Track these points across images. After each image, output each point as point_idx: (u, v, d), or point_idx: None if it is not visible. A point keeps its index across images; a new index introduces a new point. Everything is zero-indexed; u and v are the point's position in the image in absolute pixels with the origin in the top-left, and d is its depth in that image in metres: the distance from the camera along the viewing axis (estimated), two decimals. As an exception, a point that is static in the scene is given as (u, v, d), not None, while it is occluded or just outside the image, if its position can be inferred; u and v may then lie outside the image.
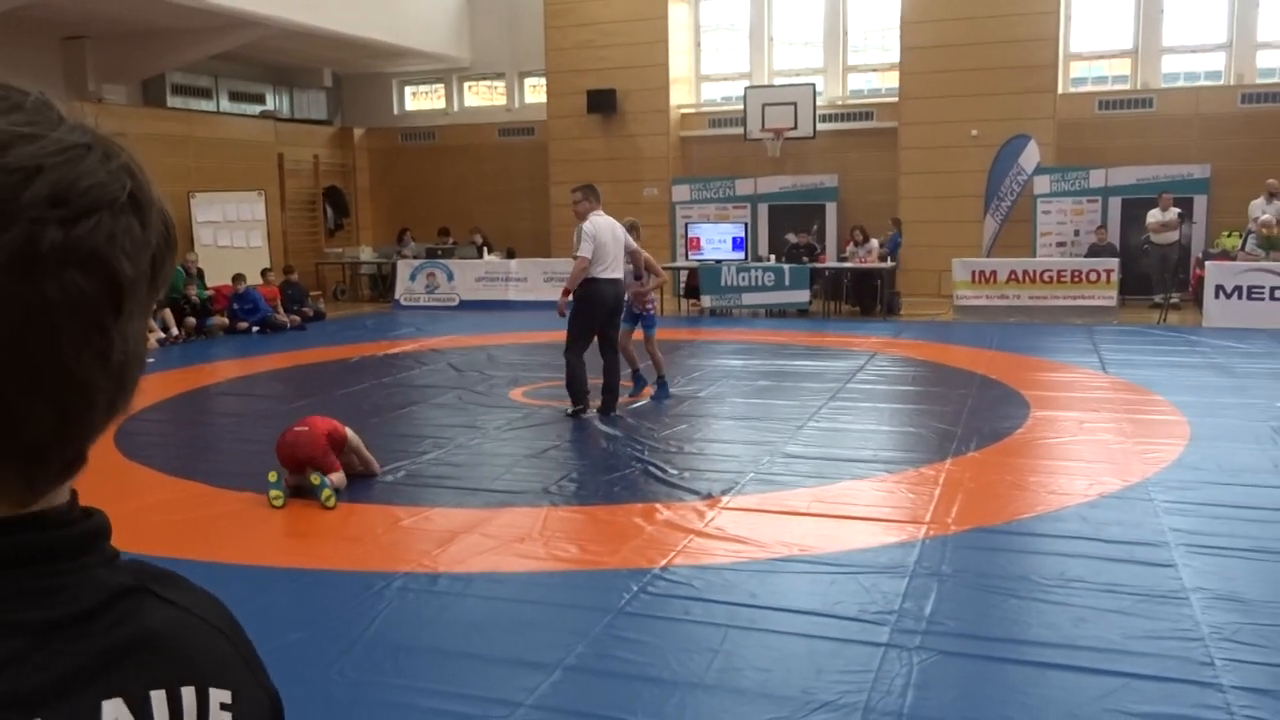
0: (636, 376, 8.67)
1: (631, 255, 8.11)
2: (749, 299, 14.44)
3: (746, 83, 17.60)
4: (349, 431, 6.01)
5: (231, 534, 5.24)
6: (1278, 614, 3.93)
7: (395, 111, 20.80)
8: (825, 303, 14.84)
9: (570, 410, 7.82)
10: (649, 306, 8.59)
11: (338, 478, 5.75)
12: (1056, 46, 15.62)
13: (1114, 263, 13.53)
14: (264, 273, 15.03)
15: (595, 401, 7.91)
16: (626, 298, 8.15)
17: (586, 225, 7.64)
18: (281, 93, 19.68)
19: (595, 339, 7.86)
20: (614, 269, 7.74)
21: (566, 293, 7.75)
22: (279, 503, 5.57)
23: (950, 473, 6.06)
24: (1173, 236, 14.15)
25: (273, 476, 5.68)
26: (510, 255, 17.35)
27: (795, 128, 16.42)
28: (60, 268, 0.59)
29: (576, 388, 7.81)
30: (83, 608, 0.63)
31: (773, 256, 15.28)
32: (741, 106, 16.87)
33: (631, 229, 8.24)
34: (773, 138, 16.63)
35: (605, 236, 7.66)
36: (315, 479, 5.59)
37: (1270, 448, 6.50)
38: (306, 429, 5.79)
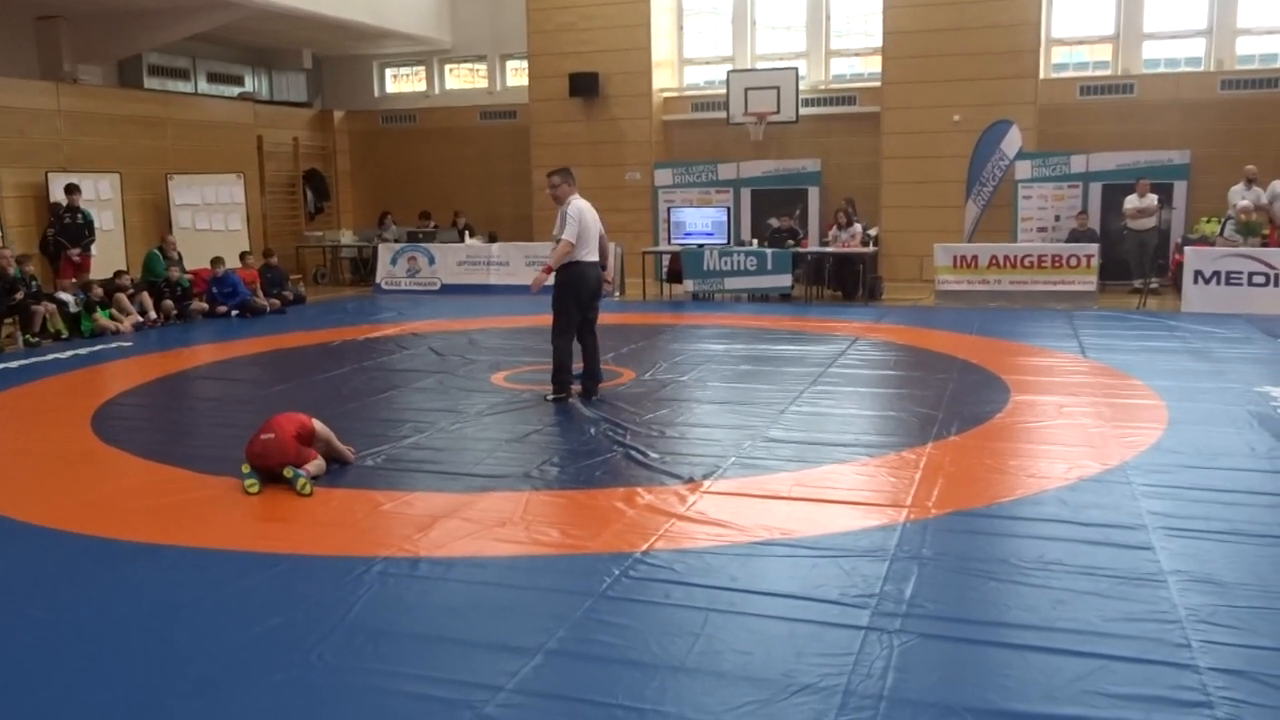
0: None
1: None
2: (731, 283, 14.44)
3: (729, 67, 17.55)
4: (316, 424, 5.93)
5: (210, 519, 5.21)
6: (1253, 596, 3.97)
7: (376, 94, 20.65)
8: (807, 287, 14.85)
9: (550, 396, 7.82)
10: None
11: (314, 466, 5.71)
12: (1038, 32, 15.65)
13: (1094, 248, 13.59)
14: (243, 256, 14.90)
15: (576, 387, 7.92)
16: None
17: (570, 208, 7.68)
18: (260, 74, 19.51)
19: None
20: (594, 251, 7.84)
21: (549, 270, 7.77)
22: (254, 490, 5.54)
23: (931, 457, 6.09)
24: (1150, 222, 14.20)
25: (246, 468, 5.66)
26: (492, 239, 17.28)
27: (778, 112, 16.40)
28: None
29: (562, 377, 7.83)
30: None
31: (755, 241, 15.27)
32: (724, 90, 16.83)
33: None
34: (755, 122, 16.61)
35: (588, 219, 7.75)
36: (289, 473, 5.55)
37: (1247, 432, 6.56)
38: (273, 436, 5.67)
